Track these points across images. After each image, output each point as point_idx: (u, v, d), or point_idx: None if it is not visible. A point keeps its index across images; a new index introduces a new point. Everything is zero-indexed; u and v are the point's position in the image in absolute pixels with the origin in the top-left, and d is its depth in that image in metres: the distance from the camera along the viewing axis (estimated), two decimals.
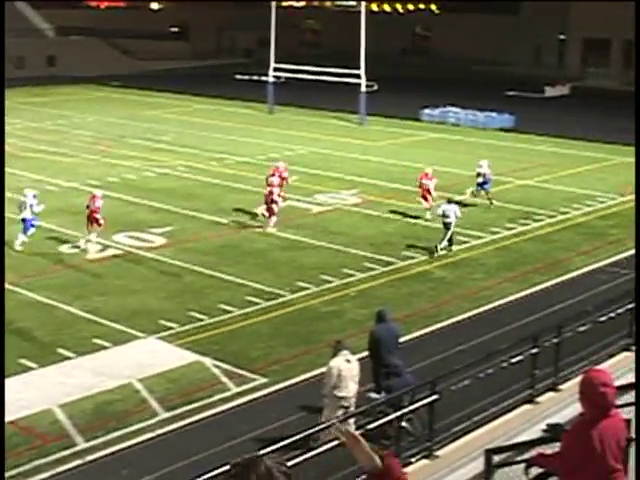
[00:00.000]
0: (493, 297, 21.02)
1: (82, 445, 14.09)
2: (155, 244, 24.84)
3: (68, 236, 25.03)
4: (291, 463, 8.09)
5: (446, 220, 24.29)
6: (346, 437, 4.42)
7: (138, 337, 18.40)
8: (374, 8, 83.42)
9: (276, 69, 51.23)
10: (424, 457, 11.01)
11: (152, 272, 22.60)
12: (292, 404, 15.22)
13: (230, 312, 19.71)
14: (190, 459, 13.32)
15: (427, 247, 24.57)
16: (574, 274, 22.86)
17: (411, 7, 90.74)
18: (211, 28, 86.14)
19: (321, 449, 10.40)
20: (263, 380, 16.43)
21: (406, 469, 10.74)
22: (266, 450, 8.71)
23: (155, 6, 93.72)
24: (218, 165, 35.65)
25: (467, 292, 21.49)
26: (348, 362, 13.42)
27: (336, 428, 4.99)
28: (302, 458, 9.33)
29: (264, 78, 52.16)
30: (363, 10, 48.46)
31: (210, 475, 8.03)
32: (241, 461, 3.81)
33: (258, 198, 29.01)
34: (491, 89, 60.85)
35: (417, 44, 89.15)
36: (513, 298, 21.04)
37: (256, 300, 20.42)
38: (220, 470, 7.98)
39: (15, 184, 29.16)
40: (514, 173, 33.94)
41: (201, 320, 19.26)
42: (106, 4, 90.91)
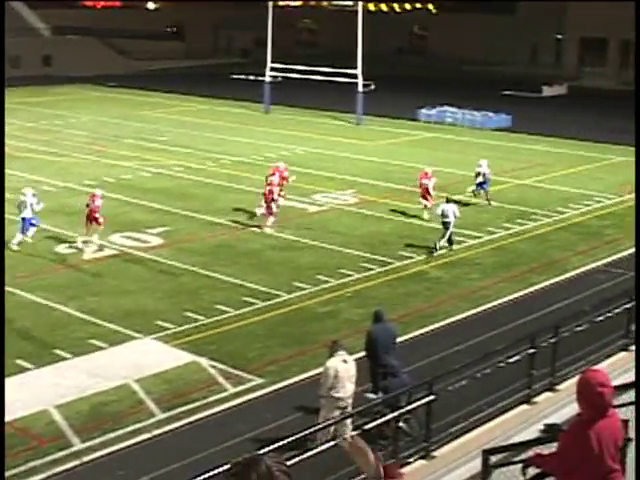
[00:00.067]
0: (490, 297, 20.99)
1: (78, 446, 14.05)
2: (151, 244, 24.80)
3: (64, 236, 24.96)
4: (288, 464, 8.06)
5: (445, 220, 24.26)
6: (352, 448, 4.47)
7: (134, 338, 18.35)
8: (371, 7, 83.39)
9: (273, 69, 51.16)
10: (421, 457, 11.03)
11: (148, 272, 22.56)
12: (288, 404, 15.21)
13: (226, 312, 19.67)
14: (187, 460, 13.29)
15: (424, 247, 24.55)
16: (571, 274, 22.85)
17: (408, 6, 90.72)
18: (207, 28, 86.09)
19: (318, 450, 10.40)
20: (259, 380, 16.40)
21: (403, 469, 10.74)
22: (264, 450, 8.68)
23: (151, 6, 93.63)
24: (214, 165, 35.60)
25: (464, 292, 21.46)
26: (345, 362, 13.36)
27: (342, 439, 5.02)
28: (299, 459, 9.32)
29: (260, 78, 52.09)
30: (360, 9, 48.38)
31: (208, 475, 8.02)
32: (242, 460, 3.82)
33: (255, 198, 28.98)
34: (488, 89, 60.86)
35: (414, 44, 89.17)
36: (510, 298, 21.02)
37: (252, 300, 20.39)
38: (217, 470, 7.97)
39: (10, 184, 29.06)
40: (511, 173, 33.93)
41: (197, 320, 19.22)
42: (102, 4, 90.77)
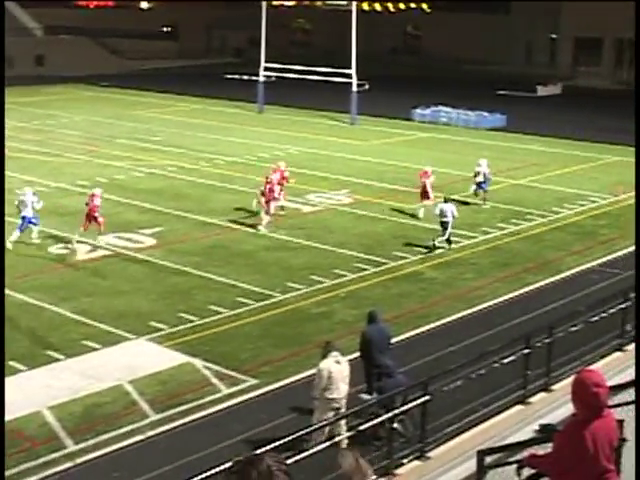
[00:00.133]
0: (485, 297, 20.94)
1: (72, 448, 13.99)
2: (144, 245, 24.71)
3: (57, 237, 24.87)
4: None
5: (443, 220, 24.24)
6: (355, 470, 4.48)
7: (127, 338, 18.28)
8: (365, 7, 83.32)
9: (266, 68, 51.08)
10: (416, 458, 11.04)
11: (141, 273, 22.48)
12: (283, 405, 15.16)
13: (220, 313, 19.61)
14: (181, 461, 13.25)
15: (418, 247, 24.52)
16: (566, 274, 22.83)
17: (402, 6, 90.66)
18: (201, 27, 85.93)
19: (313, 450, 10.37)
20: (253, 381, 16.35)
21: (398, 470, 10.72)
22: (261, 450, 8.63)
23: (144, 5, 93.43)
24: (207, 165, 35.52)
25: (458, 292, 21.42)
26: (338, 363, 13.34)
27: (342, 455, 5.00)
28: (294, 459, 9.29)
29: (254, 78, 52.01)
30: (354, 9, 48.30)
31: (204, 476, 7.98)
32: (243, 458, 3.86)
33: (248, 198, 28.92)
34: (482, 88, 60.82)
35: (408, 43, 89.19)
36: (505, 298, 20.97)
37: (246, 301, 20.32)
38: (213, 471, 7.96)
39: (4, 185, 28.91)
40: (506, 172, 33.88)
41: (191, 321, 19.15)
42: (95, 3, 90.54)
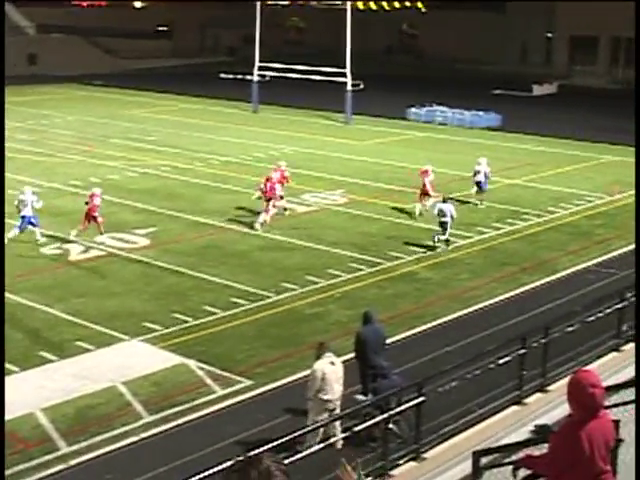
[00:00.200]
0: (480, 297, 20.88)
1: (65, 449, 13.93)
2: (138, 245, 24.62)
3: (50, 237, 24.75)
4: None
5: (442, 220, 24.19)
6: None
7: (121, 339, 18.20)
8: (360, 6, 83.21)
9: (261, 68, 51.03)
10: (411, 459, 11.03)
11: (135, 273, 22.38)
12: (278, 406, 15.11)
13: (214, 314, 19.53)
14: (175, 463, 13.19)
15: (414, 246, 24.49)
16: (562, 274, 22.77)
17: (397, 5, 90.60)
18: (194, 26, 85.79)
19: (308, 452, 10.32)
20: (248, 382, 16.29)
21: (393, 471, 10.68)
22: (258, 451, 8.60)
23: (138, 4, 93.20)
24: (202, 165, 35.44)
25: (454, 293, 21.36)
26: (332, 364, 13.30)
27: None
28: (288, 461, 9.24)
29: (248, 77, 51.93)
30: (349, 8, 48.23)
31: (198, 477, 7.93)
32: (243, 458, 3.91)
33: (243, 198, 28.88)
34: (478, 88, 60.81)
35: (403, 42, 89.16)
36: (500, 298, 20.91)
37: (240, 301, 20.25)
38: (208, 472, 7.94)
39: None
40: (501, 172, 33.81)
41: (185, 322, 19.07)
42: (88, 2, 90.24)
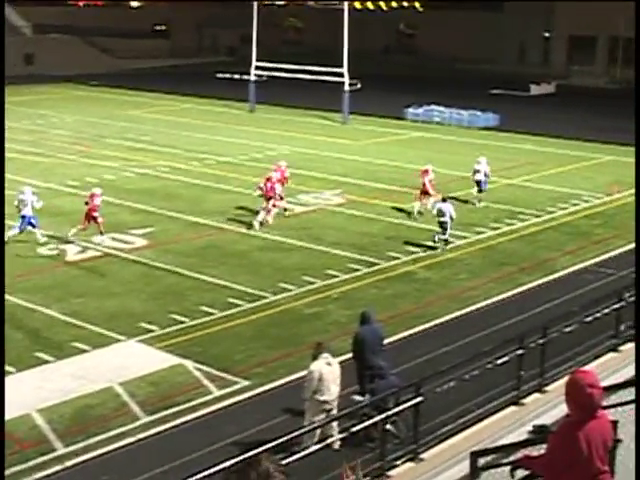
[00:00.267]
0: (478, 298, 20.85)
1: (62, 450, 13.90)
2: (136, 245, 24.57)
3: (48, 238, 24.68)
4: None
5: (441, 220, 24.18)
6: None
7: (118, 340, 18.16)
8: (357, 5, 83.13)
9: (258, 67, 50.99)
10: (409, 460, 11.03)
11: (133, 274, 22.34)
12: (275, 407, 15.08)
13: (212, 314, 19.50)
14: (172, 463, 13.15)
15: (413, 246, 24.46)
16: (560, 274, 22.75)
17: (395, 4, 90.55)
18: (192, 26, 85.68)
19: (306, 452, 10.29)
20: (246, 383, 16.26)
21: (391, 472, 10.66)
22: (255, 452, 8.61)
23: (135, 4, 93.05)
24: (199, 165, 35.39)
25: (452, 293, 21.33)
26: (329, 365, 13.28)
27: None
28: (286, 462, 9.22)
29: (246, 77, 51.88)
30: (346, 8, 48.20)
31: (198, 477, 7.94)
32: (245, 459, 4.13)
33: (241, 198, 28.85)
34: (476, 87, 60.76)
35: (401, 42, 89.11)
36: (498, 299, 20.88)
37: (238, 302, 20.21)
38: (206, 473, 7.92)
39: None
40: (499, 172, 33.76)
41: (183, 322, 19.03)
42: (84, 2, 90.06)
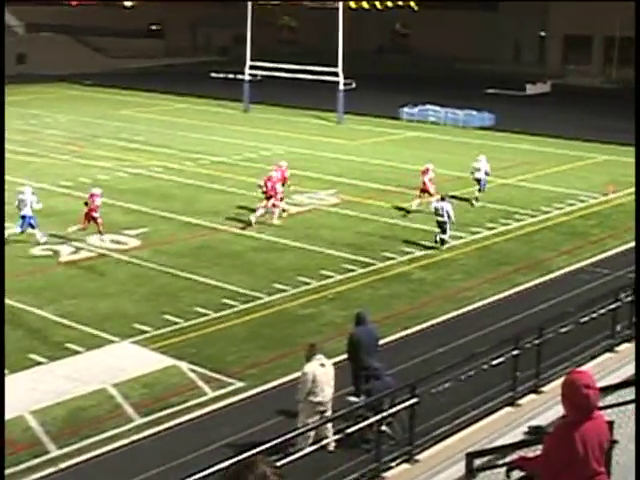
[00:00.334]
0: (474, 298, 20.82)
1: (55, 452, 13.86)
2: (129, 246, 24.49)
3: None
4: None
5: (439, 219, 24.15)
6: None
7: (112, 341, 18.09)
8: (352, 5, 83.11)
9: (252, 67, 50.93)
10: (404, 461, 11.04)
11: (126, 274, 22.26)
12: (270, 408, 15.05)
13: (206, 315, 19.44)
14: (166, 465, 13.11)
15: (406, 247, 24.42)
16: (556, 274, 22.72)
17: (390, 4, 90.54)
18: (186, 25, 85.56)
19: (300, 454, 10.24)
20: (240, 384, 16.22)
21: (386, 474, 10.63)
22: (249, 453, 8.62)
23: (128, 3, 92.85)
24: (193, 165, 35.31)
25: (447, 293, 21.28)
26: (323, 366, 13.24)
27: None
28: (280, 464, 9.19)
29: (240, 76, 51.82)
30: (341, 7, 48.15)
31: (192, 479, 7.92)
32: (241, 462, 3.99)
33: (236, 198, 28.79)
34: (471, 87, 60.72)
35: (396, 41, 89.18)
36: (494, 299, 20.84)
37: (232, 303, 20.15)
38: (200, 475, 7.90)
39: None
40: (494, 172, 33.70)
41: (177, 323, 18.96)
42: (77, 1, 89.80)
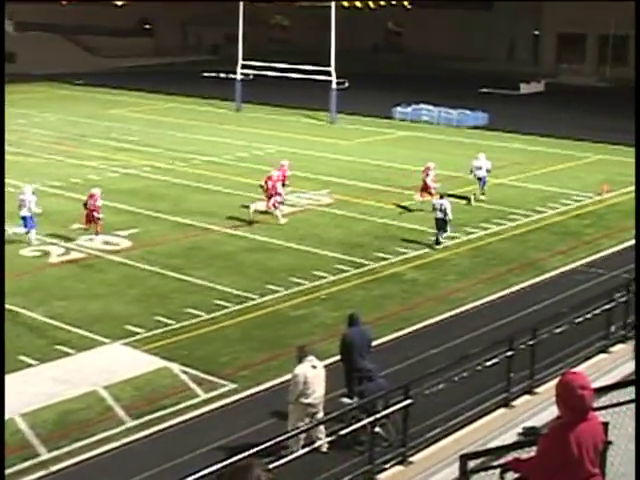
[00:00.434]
0: (467, 299, 20.77)
1: (45, 455, 13.81)
2: (120, 247, 24.40)
3: (38, 241, 24.47)
4: None
5: (438, 214, 24.15)
6: None
7: (103, 343, 18.00)
8: (345, 3, 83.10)
9: (244, 66, 50.88)
10: (398, 463, 11.08)
11: (117, 276, 22.17)
12: (262, 410, 15.00)
13: (198, 316, 19.36)
14: (157, 468, 13.06)
15: (399, 248, 24.36)
16: (550, 274, 22.68)
17: (383, 3, 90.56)
18: (176, 24, 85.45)
19: (292, 457, 10.19)
20: (232, 386, 16.17)
21: (380, 475, 10.59)
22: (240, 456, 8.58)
23: (119, 2, 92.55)
24: (184, 165, 35.22)
25: (440, 294, 21.22)
26: (314, 368, 13.19)
27: None
28: (273, 466, 9.13)
29: (232, 75, 51.76)
30: (333, 6, 48.10)
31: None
32: (238, 464, 4.07)
33: (227, 198, 28.69)
34: (464, 86, 60.77)
35: (389, 40, 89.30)
36: (488, 300, 20.79)
37: (224, 304, 20.08)
38: (193, 477, 7.87)
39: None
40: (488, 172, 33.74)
41: (168, 325, 18.89)
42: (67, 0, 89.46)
